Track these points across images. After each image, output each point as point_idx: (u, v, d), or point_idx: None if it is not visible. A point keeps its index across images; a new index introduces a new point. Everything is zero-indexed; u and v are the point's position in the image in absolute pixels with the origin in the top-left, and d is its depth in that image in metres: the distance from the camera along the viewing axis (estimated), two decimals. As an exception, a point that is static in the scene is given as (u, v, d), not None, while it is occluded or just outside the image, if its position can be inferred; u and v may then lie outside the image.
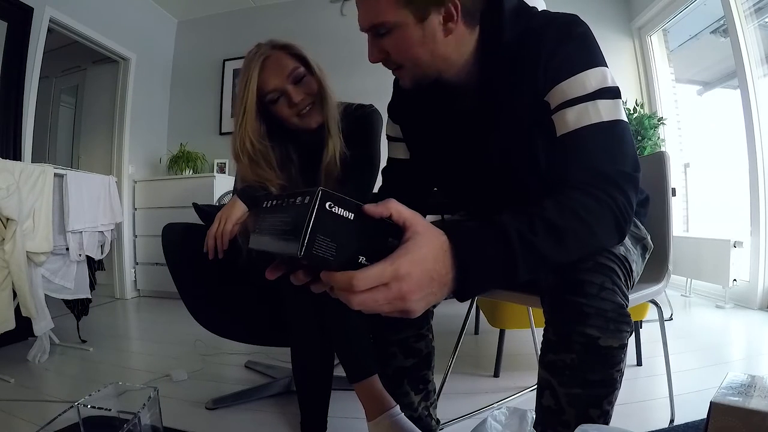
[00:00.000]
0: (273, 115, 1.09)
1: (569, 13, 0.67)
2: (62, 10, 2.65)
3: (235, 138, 1.08)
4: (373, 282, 0.42)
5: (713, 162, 2.88)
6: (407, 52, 0.66)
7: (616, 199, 0.56)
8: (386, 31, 0.64)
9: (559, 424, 0.60)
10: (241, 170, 1.11)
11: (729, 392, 0.51)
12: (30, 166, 1.78)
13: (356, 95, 1.23)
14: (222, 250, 1.06)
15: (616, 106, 0.62)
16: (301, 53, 1.09)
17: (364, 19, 0.66)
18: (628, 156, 0.60)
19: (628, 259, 0.64)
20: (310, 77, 1.09)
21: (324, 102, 1.10)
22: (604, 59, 0.65)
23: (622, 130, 0.61)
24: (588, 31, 0.65)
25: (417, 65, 0.68)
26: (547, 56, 0.63)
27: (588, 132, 0.60)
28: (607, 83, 0.62)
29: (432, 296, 0.46)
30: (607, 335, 0.55)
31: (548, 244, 0.51)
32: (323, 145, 1.11)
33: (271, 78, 1.04)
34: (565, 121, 0.62)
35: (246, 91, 1.04)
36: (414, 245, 0.45)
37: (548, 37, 0.64)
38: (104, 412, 0.65)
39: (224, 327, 1.25)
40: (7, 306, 1.59)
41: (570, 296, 0.57)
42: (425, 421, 0.90)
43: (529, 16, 0.69)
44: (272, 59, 1.05)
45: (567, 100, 0.62)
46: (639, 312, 1.46)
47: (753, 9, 2.32)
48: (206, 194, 2.99)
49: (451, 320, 1.45)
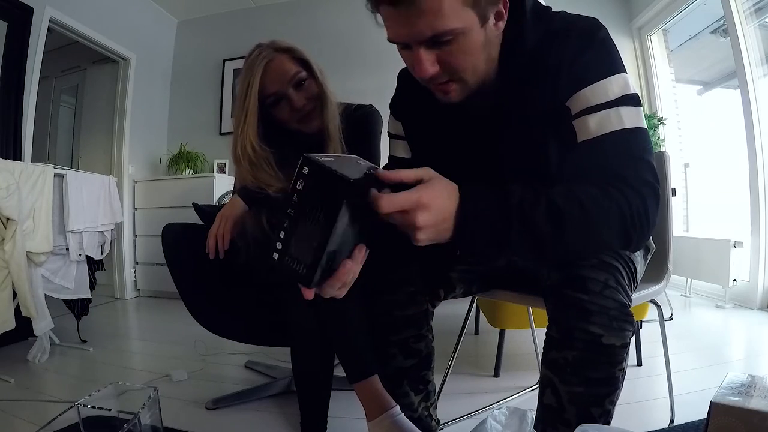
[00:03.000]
0: (273, 118, 1.09)
1: (589, 16, 0.67)
2: (62, 10, 2.64)
3: (236, 141, 1.07)
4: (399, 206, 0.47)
5: (713, 162, 2.88)
6: (469, 59, 0.61)
7: (631, 202, 0.55)
8: (450, 38, 0.57)
9: (561, 422, 0.60)
10: (241, 173, 1.11)
11: (729, 392, 0.51)
12: (30, 166, 1.78)
13: (356, 95, 1.23)
14: (223, 249, 1.06)
15: (638, 114, 0.61)
16: (303, 57, 1.09)
17: (421, 29, 0.56)
18: (649, 164, 0.59)
19: (633, 260, 0.64)
20: (312, 81, 1.09)
21: (324, 106, 1.10)
22: (623, 65, 0.64)
23: (643, 137, 0.61)
24: (609, 37, 0.65)
25: (475, 73, 0.63)
26: (570, 62, 0.62)
27: (610, 139, 0.60)
28: (629, 90, 0.62)
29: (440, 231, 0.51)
30: (610, 333, 0.55)
31: (545, 221, 0.52)
32: (323, 148, 1.11)
33: (273, 82, 1.04)
34: (587, 128, 0.61)
35: (248, 95, 1.03)
36: (433, 183, 0.50)
37: (571, 42, 0.63)
38: (104, 412, 0.65)
39: (224, 327, 1.25)
40: (7, 306, 1.59)
41: (573, 293, 0.57)
42: (425, 421, 0.90)
43: (549, 18, 0.68)
44: (275, 63, 1.05)
45: (590, 107, 0.61)
46: (639, 312, 1.46)
47: (753, 9, 2.32)
48: (206, 194, 2.99)
49: (451, 320, 1.44)
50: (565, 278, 0.59)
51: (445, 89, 0.65)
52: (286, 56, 1.07)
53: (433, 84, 0.65)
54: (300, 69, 1.07)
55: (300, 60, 1.08)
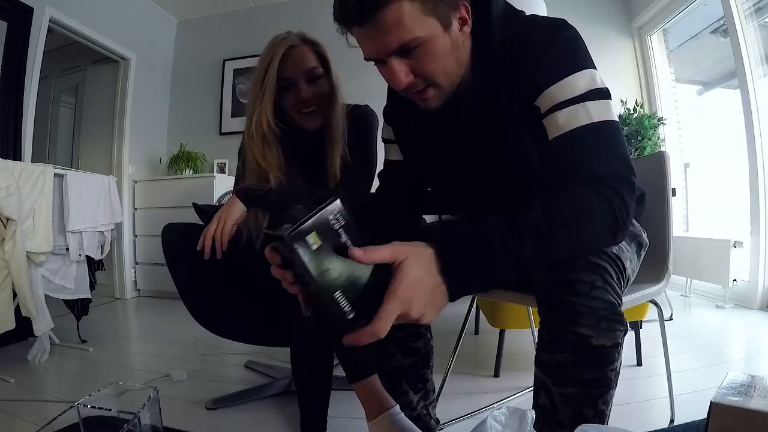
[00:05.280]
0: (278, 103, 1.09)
1: (557, 17, 0.67)
2: (62, 10, 2.65)
3: (251, 116, 1.07)
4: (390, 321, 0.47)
5: (713, 162, 2.88)
6: (440, 64, 0.63)
7: (612, 202, 0.56)
8: (416, 46, 0.60)
9: (555, 424, 0.60)
10: (252, 151, 1.10)
11: (729, 392, 0.51)
12: (30, 166, 1.78)
13: (356, 95, 1.23)
14: (221, 250, 1.06)
15: (606, 107, 0.62)
16: (325, 54, 1.11)
17: (388, 41, 0.59)
18: (621, 157, 0.60)
19: (621, 257, 0.64)
20: (325, 80, 1.10)
21: (330, 107, 1.10)
22: (592, 61, 0.64)
23: (614, 130, 0.61)
24: (575, 35, 0.65)
25: (448, 76, 0.65)
26: (535, 62, 0.63)
27: (579, 133, 0.60)
28: (596, 85, 0.62)
29: (438, 302, 0.51)
30: (600, 334, 0.55)
31: (532, 251, 0.52)
32: (319, 148, 1.11)
33: (290, 68, 1.05)
34: (556, 124, 0.62)
35: (267, 72, 1.04)
36: (405, 271, 0.48)
37: (535, 43, 0.64)
38: (104, 412, 0.64)
39: (224, 327, 1.25)
40: (7, 306, 1.59)
41: (561, 295, 0.57)
42: (424, 420, 0.90)
43: (517, 22, 0.69)
44: (297, 50, 1.06)
45: (557, 104, 0.62)
46: (639, 312, 1.46)
47: (753, 9, 2.32)
48: (206, 194, 2.99)
49: (451, 320, 1.44)
50: (553, 281, 0.59)
51: (423, 96, 0.67)
52: (309, 48, 1.09)
53: (412, 93, 0.67)
54: (318, 65, 1.09)
55: (321, 56, 1.10)
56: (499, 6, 0.69)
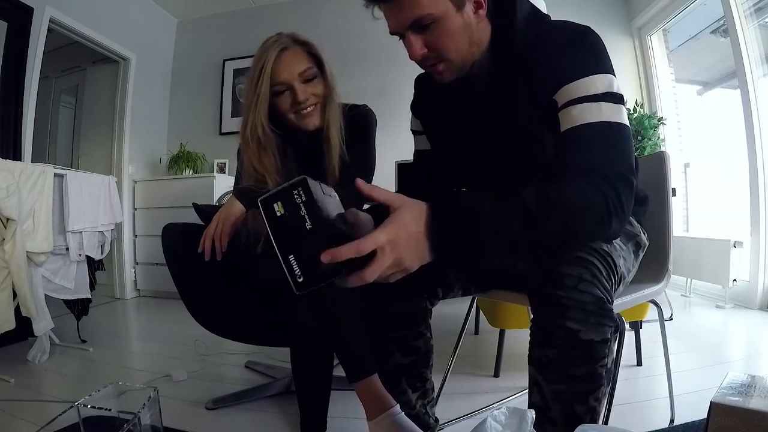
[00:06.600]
0: (275, 108, 1.09)
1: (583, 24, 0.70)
2: (62, 10, 2.65)
3: (246, 121, 1.07)
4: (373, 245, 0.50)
5: (713, 162, 2.88)
6: (451, 41, 0.68)
7: (606, 195, 0.57)
8: (430, 22, 0.66)
9: (546, 421, 0.60)
10: (248, 156, 1.10)
11: (729, 392, 0.51)
12: (30, 166, 1.78)
13: (356, 95, 1.23)
14: (220, 251, 1.06)
15: (619, 110, 0.64)
16: (318, 54, 1.09)
17: (405, 16, 0.66)
18: (624, 157, 0.62)
19: (612, 254, 0.64)
20: (321, 79, 1.09)
21: (327, 107, 1.10)
22: (612, 69, 0.67)
23: (622, 132, 0.63)
24: (599, 42, 0.68)
25: (459, 53, 0.70)
26: (557, 58, 0.67)
27: (588, 129, 0.63)
28: (613, 89, 0.65)
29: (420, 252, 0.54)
30: (588, 328, 0.55)
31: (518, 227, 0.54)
32: (317, 148, 1.11)
33: (284, 71, 1.04)
34: (569, 117, 0.65)
35: (261, 78, 1.03)
36: (397, 214, 0.53)
37: (561, 41, 0.68)
38: (104, 412, 0.65)
39: (224, 327, 1.25)
40: (7, 306, 1.59)
41: (549, 289, 0.58)
42: (423, 419, 0.90)
43: (542, 25, 0.72)
44: (289, 52, 1.05)
45: (573, 99, 0.65)
46: (639, 312, 1.46)
47: (753, 9, 2.32)
48: (206, 194, 3.00)
49: (451, 320, 1.45)
50: (543, 277, 0.60)
51: (436, 69, 0.73)
52: (302, 49, 1.07)
53: (426, 65, 0.74)
54: (312, 65, 1.08)
55: (314, 56, 1.09)
56: (525, 7, 0.73)
